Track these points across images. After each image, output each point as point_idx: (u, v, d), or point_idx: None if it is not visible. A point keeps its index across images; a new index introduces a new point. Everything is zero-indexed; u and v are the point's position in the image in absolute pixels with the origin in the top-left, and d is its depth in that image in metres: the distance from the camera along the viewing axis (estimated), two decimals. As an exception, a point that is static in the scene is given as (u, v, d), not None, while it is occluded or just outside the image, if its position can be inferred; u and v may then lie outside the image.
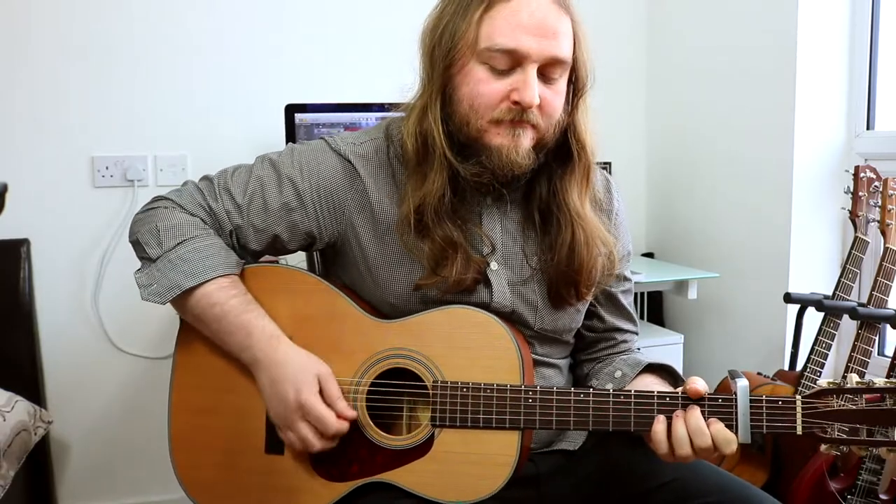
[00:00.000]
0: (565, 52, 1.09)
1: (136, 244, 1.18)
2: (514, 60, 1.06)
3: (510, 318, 1.17)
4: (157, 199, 1.21)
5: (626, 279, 1.29)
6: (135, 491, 2.28)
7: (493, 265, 1.17)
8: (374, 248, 1.17)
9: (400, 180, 1.17)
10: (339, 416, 1.08)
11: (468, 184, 1.15)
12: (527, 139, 1.09)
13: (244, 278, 1.18)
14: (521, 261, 1.19)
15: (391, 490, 1.10)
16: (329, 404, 1.09)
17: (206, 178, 1.22)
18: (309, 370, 1.10)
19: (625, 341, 1.30)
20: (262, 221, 1.18)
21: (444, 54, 1.10)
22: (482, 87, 1.08)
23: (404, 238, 1.14)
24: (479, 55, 1.07)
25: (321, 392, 1.09)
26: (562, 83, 1.11)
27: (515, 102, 1.06)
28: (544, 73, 1.08)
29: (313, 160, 1.19)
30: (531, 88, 1.06)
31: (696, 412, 1.02)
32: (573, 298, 1.18)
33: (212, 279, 1.13)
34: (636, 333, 1.33)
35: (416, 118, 1.13)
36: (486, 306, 1.15)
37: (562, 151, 1.16)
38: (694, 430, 1.01)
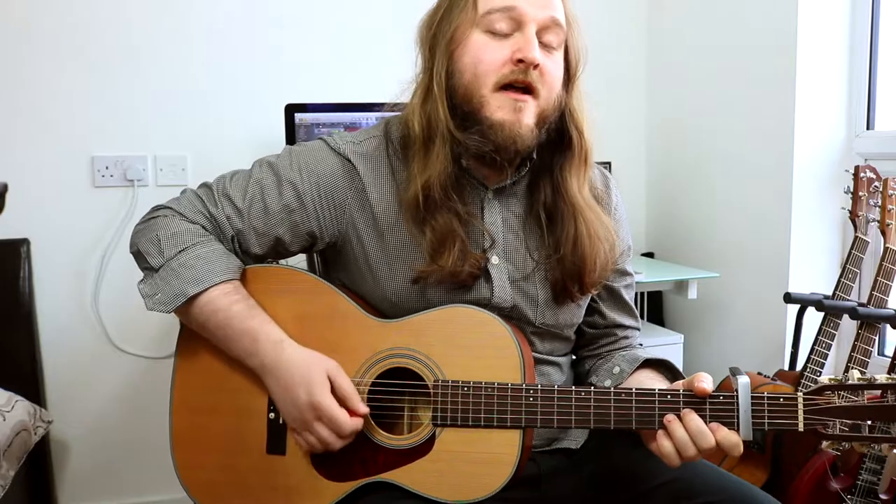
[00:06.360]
0: (561, 17, 1.12)
1: (138, 255, 1.18)
2: (514, 21, 1.09)
3: (511, 313, 1.17)
4: (155, 208, 1.21)
5: (627, 274, 1.29)
6: (135, 491, 2.28)
7: (494, 259, 1.17)
8: (375, 246, 1.18)
9: (399, 177, 1.18)
10: (352, 413, 1.08)
11: (469, 172, 1.16)
12: (529, 115, 1.10)
13: (245, 279, 1.18)
14: (524, 255, 1.19)
15: (393, 490, 1.10)
16: (341, 401, 1.08)
17: (204, 185, 1.22)
18: (317, 368, 1.10)
19: (626, 337, 1.30)
20: (264, 224, 1.18)
21: (444, 33, 1.12)
22: (483, 53, 1.10)
23: (408, 226, 1.15)
24: (478, 24, 1.10)
25: (333, 388, 1.09)
26: (559, 56, 1.14)
27: (519, 61, 1.08)
28: (542, 41, 1.11)
29: (312, 160, 1.19)
30: (533, 45, 1.08)
31: (692, 415, 1.02)
32: (578, 293, 1.19)
33: (214, 285, 1.13)
34: (638, 329, 1.33)
35: (420, 99, 1.15)
36: (486, 301, 1.16)
37: (560, 139, 1.17)
38: (694, 432, 1.01)
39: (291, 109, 2.09)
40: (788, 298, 2.00)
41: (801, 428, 1.00)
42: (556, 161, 1.18)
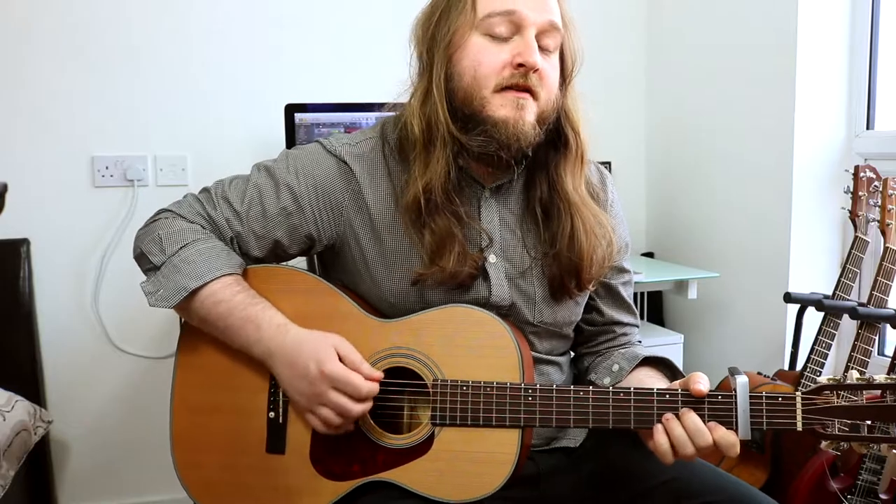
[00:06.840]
0: (559, 20, 1.13)
1: (141, 256, 1.19)
2: (514, 25, 1.10)
3: (509, 312, 1.17)
4: (157, 212, 1.23)
5: (625, 271, 1.30)
6: (135, 491, 2.28)
7: (492, 258, 1.18)
8: (372, 248, 1.18)
9: (396, 179, 1.18)
10: (366, 377, 1.08)
11: (466, 171, 1.16)
12: (530, 113, 1.11)
13: (246, 279, 1.18)
14: (521, 253, 1.19)
15: (392, 489, 1.10)
16: (353, 370, 1.08)
17: (204, 190, 1.23)
18: (325, 343, 1.09)
19: (624, 334, 1.30)
20: (262, 227, 1.19)
21: (442, 35, 1.12)
22: (483, 56, 1.10)
23: (406, 228, 1.15)
24: (478, 27, 1.11)
25: (342, 360, 1.09)
26: (556, 58, 1.15)
27: (519, 65, 1.09)
28: (540, 45, 1.11)
29: (309, 163, 1.20)
30: (533, 49, 1.09)
31: (691, 414, 1.02)
32: (575, 289, 1.19)
33: (216, 279, 1.13)
34: (636, 326, 1.33)
35: (419, 101, 1.14)
36: (485, 301, 1.16)
37: (557, 138, 1.18)
38: (692, 430, 1.01)
39: (291, 109, 2.09)
40: (788, 298, 2.00)
41: (799, 427, 1.00)
42: (551, 159, 1.18)
